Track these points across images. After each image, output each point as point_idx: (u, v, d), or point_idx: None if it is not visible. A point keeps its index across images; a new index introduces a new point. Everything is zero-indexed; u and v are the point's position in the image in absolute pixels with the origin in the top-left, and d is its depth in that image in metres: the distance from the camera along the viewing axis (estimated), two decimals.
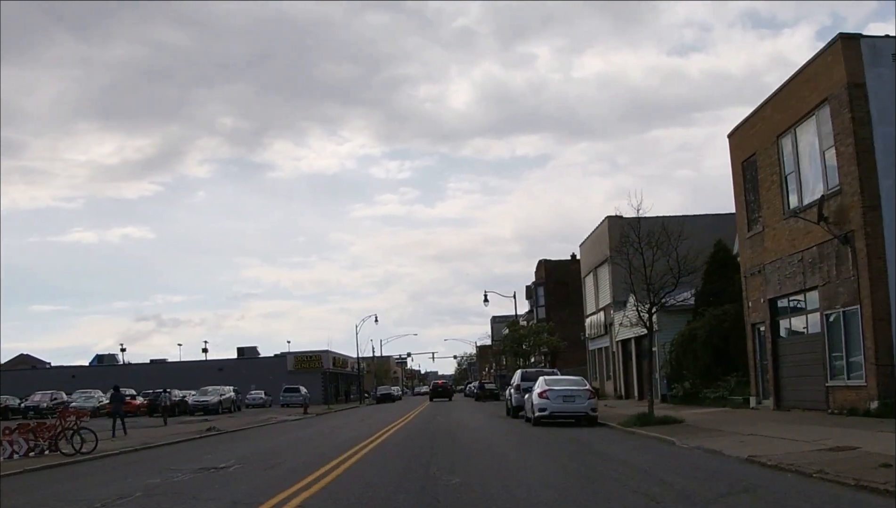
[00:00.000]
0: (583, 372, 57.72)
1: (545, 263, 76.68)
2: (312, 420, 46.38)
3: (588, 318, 55.69)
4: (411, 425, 32.34)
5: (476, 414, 41.54)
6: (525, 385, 33.37)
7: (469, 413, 44.46)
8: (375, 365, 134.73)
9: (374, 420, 39.75)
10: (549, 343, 58.62)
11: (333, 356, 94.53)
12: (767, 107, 26.29)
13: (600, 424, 27.13)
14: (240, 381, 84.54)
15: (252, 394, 77.16)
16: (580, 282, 75.81)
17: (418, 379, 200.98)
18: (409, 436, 24.83)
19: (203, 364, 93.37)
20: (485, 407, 54.65)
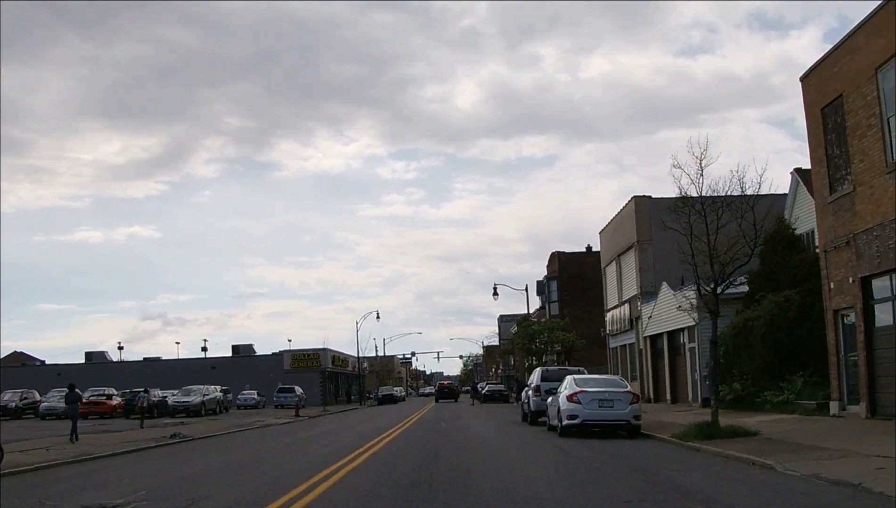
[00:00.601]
0: (602, 372, 52.15)
1: (559, 255, 70.83)
2: (300, 424, 40.80)
3: (609, 313, 49.87)
4: (410, 433, 26.66)
5: (486, 420, 35.83)
6: (546, 386, 27.69)
7: (478, 417, 38.70)
8: (378, 364, 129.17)
9: (368, 425, 34.15)
10: (565, 340, 52.91)
11: (333, 354, 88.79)
12: (859, 35, 20.52)
13: (645, 435, 21.36)
14: (234, 380, 79.43)
15: (244, 395, 71.58)
16: (597, 275, 69.94)
17: (423, 379, 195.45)
18: (403, 450, 19.09)
19: (196, 362, 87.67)
20: (494, 410, 48.88)
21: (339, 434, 28.34)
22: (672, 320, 36.52)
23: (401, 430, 28.55)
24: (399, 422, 34.96)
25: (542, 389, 27.98)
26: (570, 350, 53.52)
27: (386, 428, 29.41)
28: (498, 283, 58.02)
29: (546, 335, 53.47)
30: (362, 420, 42.03)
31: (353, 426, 34.47)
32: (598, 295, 69.09)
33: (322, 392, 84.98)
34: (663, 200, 42.71)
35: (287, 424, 40.56)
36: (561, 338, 53.05)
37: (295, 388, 70.49)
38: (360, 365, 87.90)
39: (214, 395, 54.40)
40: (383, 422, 36.39)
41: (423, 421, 35.68)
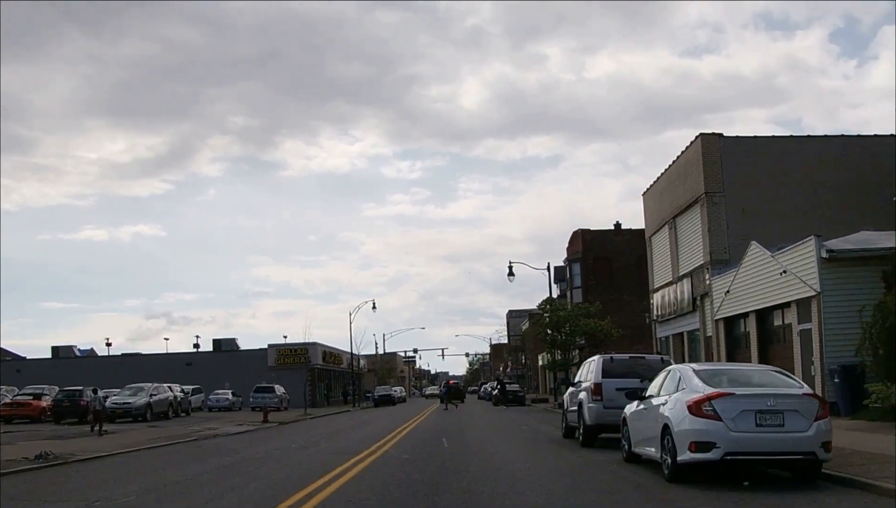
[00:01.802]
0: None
1: (583, 234, 59.90)
2: (260, 434, 30.30)
3: (657, 294, 38.95)
4: (389, 461, 15.82)
5: (507, 433, 24.94)
6: (614, 385, 16.90)
7: (494, 428, 27.81)
8: (379, 362, 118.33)
9: (342, 439, 23.96)
10: (598, 328, 42.08)
11: (324, 349, 78.02)
12: None
13: (840, 482, 10.58)
14: (214, 378, 69.30)
15: (216, 395, 60.91)
16: (627, 257, 59.11)
17: (428, 379, 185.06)
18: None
19: (171, 358, 77.02)
20: (512, 416, 37.97)
21: (289, 456, 17.86)
22: (766, 293, 25.69)
23: (381, 451, 17.85)
24: (385, 435, 24.32)
25: (604, 390, 17.09)
26: (601, 341, 42.65)
27: (360, 449, 18.70)
28: (515, 262, 46.74)
29: (572, 323, 42.57)
30: (341, 429, 31.47)
31: (320, 441, 23.79)
32: (629, 280, 58.25)
33: (311, 391, 74.29)
34: (741, 140, 31.78)
35: (242, 435, 30.12)
36: (592, 327, 42.21)
37: (275, 388, 59.93)
38: (353, 361, 77.02)
39: (166, 395, 43.57)
40: (365, 434, 25.96)
41: (419, 433, 24.95)
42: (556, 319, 42.53)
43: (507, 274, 47.15)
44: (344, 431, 29.61)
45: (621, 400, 15.92)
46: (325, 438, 25.40)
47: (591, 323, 42.21)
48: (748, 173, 31.23)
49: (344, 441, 22.78)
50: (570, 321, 42.44)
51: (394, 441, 21.99)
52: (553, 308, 43.46)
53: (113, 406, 40.44)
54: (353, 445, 20.54)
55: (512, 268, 47.33)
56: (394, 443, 20.98)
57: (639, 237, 61.56)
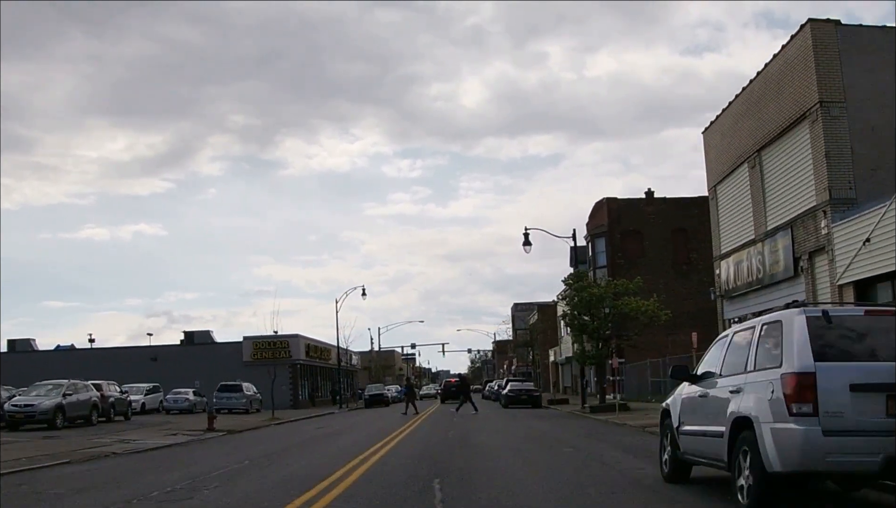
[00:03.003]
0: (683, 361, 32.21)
1: (609, 204, 50.01)
2: (177, 452, 20.94)
3: (726, 261, 28.99)
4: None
5: (549, 467, 14.62)
6: (840, 374, 6.96)
7: (520, 453, 17.67)
8: (375, 359, 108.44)
9: (288, 464, 14.15)
10: (640, 310, 32.18)
11: (307, 343, 68.15)
12: None
13: None
14: (180, 374, 60.05)
15: (175, 395, 51.13)
16: (660, 231, 49.31)
17: (428, 377, 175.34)
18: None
19: (135, 351, 67.21)
20: (535, 425, 28.01)
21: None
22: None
23: (341, 487, 8.07)
24: (348, 461, 14.60)
25: (821, 388, 6.98)
26: (644, 326, 32.80)
27: (284, 499, 8.80)
28: (532, 229, 36.76)
29: (608, 303, 32.65)
30: (303, 442, 22.12)
31: (264, 463, 14.19)
32: (664, 257, 48.49)
33: (292, 390, 64.53)
34: (866, 31, 21.78)
35: (153, 452, 20.82)
36: (634, 308, 32.31)
37: (242, 386, 50.13)
38: (340, 355, 67.02)
39: (87, 396, 33.63)
40: (323, 454, 16.99)
41: (398, 461, 15.00)
42: (587, 298, 32.56)
43: (523, 243, 37.30)
44: (301, 448, 19.88)
45: (863, 409, 6.70)
46: (279, 453, 16.00)
47: (633, 303, 32.32)
48: (877, 76, 21.36)
49: (298, 465, 13.35)
50: (605, 300, 32.51)
51: (354, 475, 12.16)
52: (581, 286, 33.38)
53: (12, 409, 30.68)
54: (281, 483, 10.75)
55: (528, 237, 37.41)
56: (350, 483, 11.15)
57: (675, 206, 51.76)
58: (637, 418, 26.90)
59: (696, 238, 50.02)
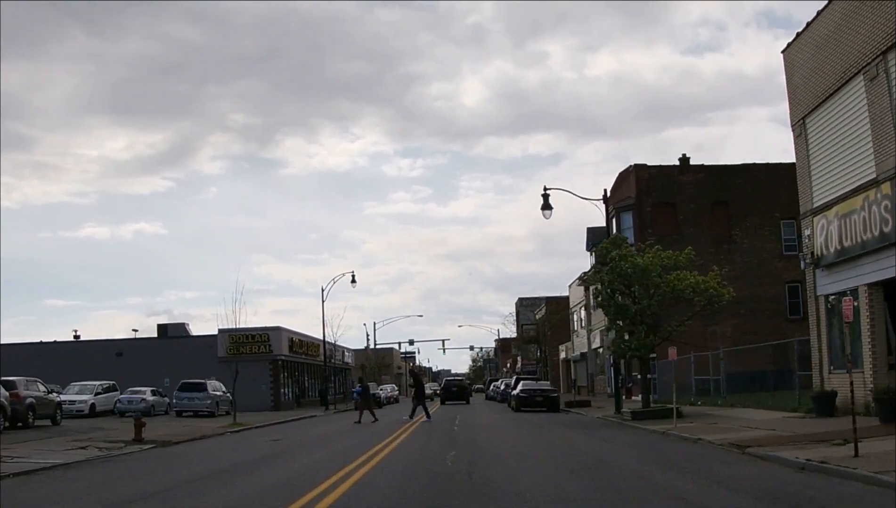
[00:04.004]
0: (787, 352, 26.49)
1: (638, 172, 42.32)
2: (63, 476, 13.05)
3: (823, 215, 21.26)
4: None
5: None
6: None
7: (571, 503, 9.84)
8: (372, 357, 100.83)
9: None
10: (698, 287, 24.44)
11: (291, 336, 60.42)
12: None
13: None
14: (148, 371, 52.84)
15: (130, 394, 43.55)
16: (701, 201, 41.79)
17: (429, 376, 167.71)
18: None
19: (98, 345, 59.47)
20: (571, 439, 20.31)
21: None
22: None
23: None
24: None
25: None
26: (703, 307, 25.13)
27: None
28: (553, 189, 28.77)
29: (654, 277, 24.91)
30: (228, 468, 14.26)
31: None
32: (702, 232, 40.90)
33: (273, 389, 56.85)
34: None
35: (34, 474, 12.97)
36: (692, 285, 24.59)
37: (207, 385, 42.38)
38: (326, 350, 59.28)
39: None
40: (249, 489, 8.58)
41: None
42: (629, 271, 24.74)
43: (542, 207, 29.60)
44: (211, 481, 12.21)
45: None
46: (196, 484, 8.15)
47: (690, 279, 24.60)
48: None
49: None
50: (650, 274, 24.76)
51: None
52: (622, 252, 25.46)
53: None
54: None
55: (548, 198, 29.66)
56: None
57: (715, 175, 43.78)
58: (710, 430, 19.30)
59: (740, 212, 42.43)
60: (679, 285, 24.58)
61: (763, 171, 43.20)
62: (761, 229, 42.37)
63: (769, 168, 43.67)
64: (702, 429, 19.72)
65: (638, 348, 25.06)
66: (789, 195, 45.56)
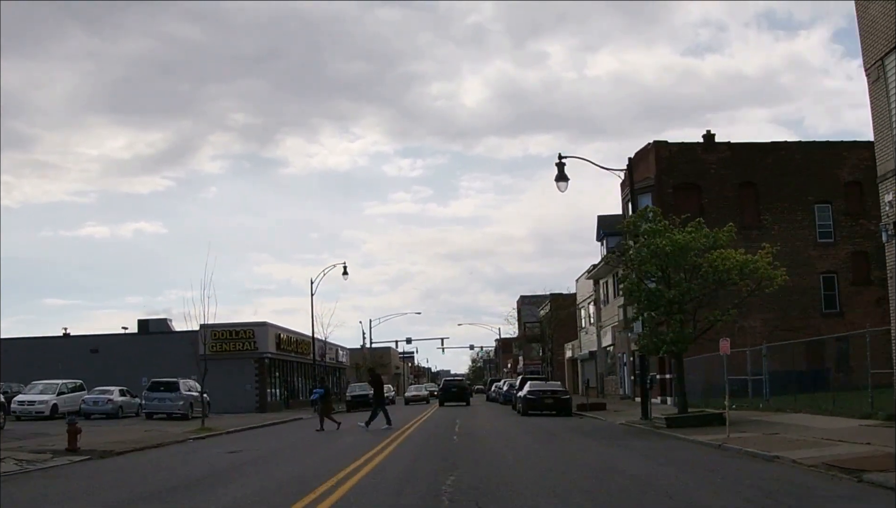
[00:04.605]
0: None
1: (658, 149, 38.14)
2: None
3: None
4: None
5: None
6: None
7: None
8: (369, 356, 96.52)
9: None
10: (747, 267, 20.22)
11: (278, 333, 56.18)
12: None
13: None
14: (124, 370, 48.70)
15: (94, 395, 39.39)
16: (728, 182, 37.77)
17: (428, 376, 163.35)
18: None
19: (70, 342, 55.33)
20: (596, 451, 16.05)
21: None
22: None
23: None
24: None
25: None
26: (751, 293, 20.91)
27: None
28: (569, 157, 24.58)
29: (692, 257, 20.67)
30: (175, 487, 9.99)
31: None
32: (727, 220, 36.43)
33: (258, 389, 52.62)
34: None
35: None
36: (740, 264, 20.33)
37: (180, 384, 38.21)
38: (315, 347, 55.03)
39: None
40: None
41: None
42: (665, 249, 20.45)
43: (556, 178, 25.41)
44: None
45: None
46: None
47: (737, 259, 20.38)
48: None
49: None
50: (688, 254, 20.51)
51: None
52: (654, 226, 21.15)
53: None
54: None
55: (563, 168, 25.45)
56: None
57: (743, 154, 39.42)
58: (775, 442, 15.13)
59: (770, 194, 38.23)
60: (723, 266, 20.34)
61: (796, 150, 39.02)
62: (793, 214, 38.20)
63: (802, 147, 39.48)
64: (764, 441, 15.51)
65: (675, 341, 20.78)
66: (824, 176, 41.65)
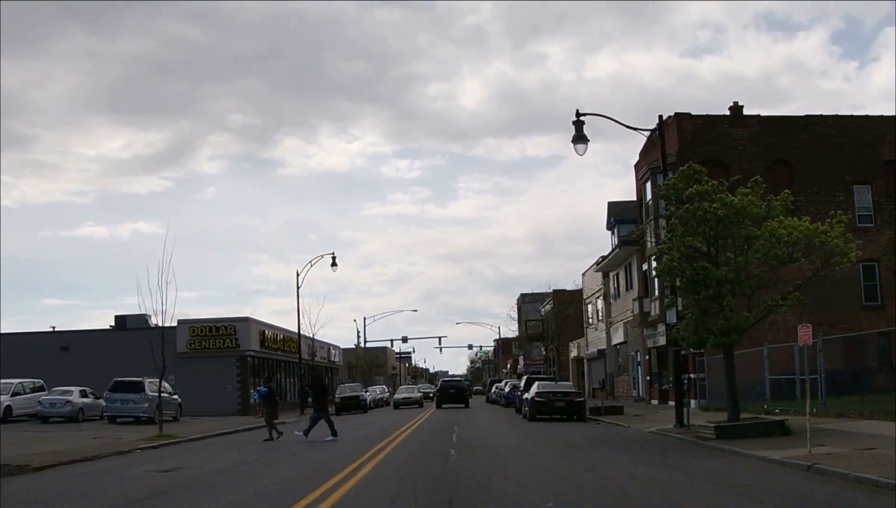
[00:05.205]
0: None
1: (681, 121, 34.13)
2: None
3: None
4: None
5: None
6: None
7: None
8: (361, 355, 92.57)
9: None
10: (825, 242, 16.29)
11: (263, 330, 52.11)
12: None
13: None
14: (98, 369, 43.75)
15: (52, 396, 35.34)
16: (758, 160, 33.76)
17: (426, 378, 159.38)
18: None
19: (39, 338, 51.18)
20: (644, 479, 11.82)
21: None
22: None
23: None
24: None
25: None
26: (818, 271, 16.92)
27: None
28: (587, 114, 20.52)
29: (746, 227, 16.64)
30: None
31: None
32: None
33: (240, 390, 48.50)
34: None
35: None
36: (810, 235, 16.36)
37: (146, 385, 34.01)
38: (302, 344, 50.90)
39: None
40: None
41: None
42: (715, 215, 16.30)
43: (573, 139, 21.44)
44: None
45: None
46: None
47: (802, 228, 16.38)
48: None
49: None
50: (743, 223, 16.42)
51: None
52: (702, 188, 17.05)
53: None
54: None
55: (581, 127, 21.47)
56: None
57: (775, 129, 35.07)
58: (876, 460, 11.07)
59: (804, 174, 34.20)
60: (788, 237, 16.29)
61: (832, 126, 35.02)
62: (830, 195, 34.16)
63: (840, 121, 35.46)
64: (866, 461, 11.48)
65: (726, 331, 16.68)
66: (863, 154, 37.57)
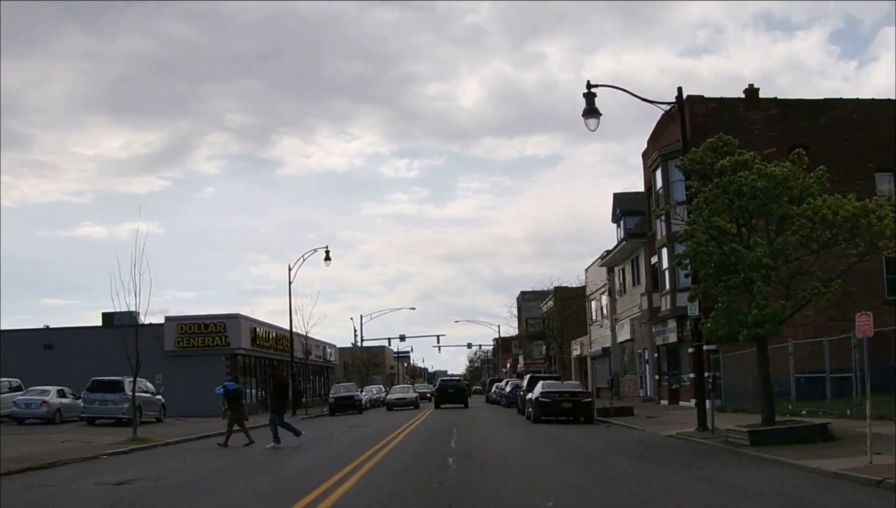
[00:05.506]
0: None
1: (693, 104, 32.05)
2: None
3: None
4: None
5: None
6: None
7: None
8: (358, 354, 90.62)
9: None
10: (872, 221, 14.42)
11: (254, 327, 50.19)
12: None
13: None
14: (82, 368, 41.69)
15: (27, 396, 33.47)
16: (775, 144, 31.65)
17: (424, 377, 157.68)
18: None
19: (21, 336, 49.16)
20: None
21: None
22: None
23: None
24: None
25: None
26: (867, 252, 15.11)
27: None
28: (600, 85, 18.62)
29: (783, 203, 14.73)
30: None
31: None
32: None
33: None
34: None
35: None
36: (858, 211, 14.49)
37: (125, 384, 32.01)
38: (293, 341, 48.95)
39: None
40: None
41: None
42: (749, 188, 14.26)
43: (584, 113, 19.57)
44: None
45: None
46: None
47: (849, 206, 14.52)
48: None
49: None
50: (779, 199, 14.52)
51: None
52: (735, 159, 15.07)
53: None
54: None
55: (593, 99, 19.59)
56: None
57: (792, 112, 33.14)
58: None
59: (824, 159, 31.78)
60: (833, 216, 14.40)
61: (853, 109, 33.16)
62: (850, 183, 32.12)
63: (860, 105, 33.60)
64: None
65: (760, 321, 14.76)
66: (886, 140, 35.78)
